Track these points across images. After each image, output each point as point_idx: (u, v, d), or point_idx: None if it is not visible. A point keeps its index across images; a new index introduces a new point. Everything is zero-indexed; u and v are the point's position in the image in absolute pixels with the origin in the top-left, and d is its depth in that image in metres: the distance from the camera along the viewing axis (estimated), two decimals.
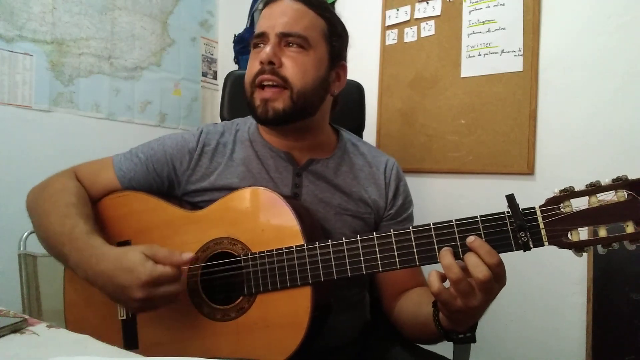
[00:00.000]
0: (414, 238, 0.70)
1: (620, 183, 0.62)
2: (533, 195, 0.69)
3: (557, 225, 0.64)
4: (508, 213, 0.66)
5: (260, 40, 0.89)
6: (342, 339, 0.93)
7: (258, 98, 0.87)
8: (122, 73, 2.05)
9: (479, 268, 0.64)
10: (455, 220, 0.68)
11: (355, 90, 1.39)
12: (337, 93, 0.97)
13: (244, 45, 2.17)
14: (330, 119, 1.01)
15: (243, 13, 2.25)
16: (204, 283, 0.81)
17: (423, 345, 0.96)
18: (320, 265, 0.74)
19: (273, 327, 0.76)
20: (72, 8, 1.87)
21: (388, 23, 1.89)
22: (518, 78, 1.57)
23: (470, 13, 1.68)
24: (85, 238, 0.77)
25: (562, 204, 0.64)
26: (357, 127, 1.36)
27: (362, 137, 1.36)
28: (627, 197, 0.61)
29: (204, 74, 2.45)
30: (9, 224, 1.46)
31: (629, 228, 0.61)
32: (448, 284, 0.67)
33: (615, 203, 0.62)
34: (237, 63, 2.32)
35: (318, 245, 0.74)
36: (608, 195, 0.63)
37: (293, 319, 0.74)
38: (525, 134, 1.55)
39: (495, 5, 1.63)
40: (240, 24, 2.26)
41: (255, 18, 2.09)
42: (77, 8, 1.88)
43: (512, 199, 0.66)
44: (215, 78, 2.51)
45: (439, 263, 0.67)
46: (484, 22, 1.65)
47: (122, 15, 2.04)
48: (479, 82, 1.65)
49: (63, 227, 0.79)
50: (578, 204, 0.64)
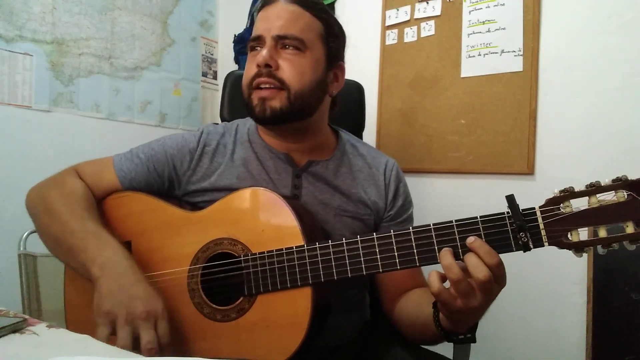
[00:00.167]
0: (414, 238, 0.70)
1: (620, 183, 0.62)
2: (533, 196, 0.69)
3: (557, 226, 0.64)
4: (508, 213, 0.66)
5: (257, 44, 0.89)
6: (342, 339, 0.93)
7: (256, 97, 0.87)
8: (122, 73, 2.05)
9: (479, 268, 0.64)
10: (455, 221, 0.68)
11: (355, 90, 1.39)
12: (335, 94, 0.97)
13: (244, 46, 2.16)
14: (329, 120, 1.01)
15: (243, 13, 2.26)
16: (204, 284, 0.81)
17: (423, 345, 0.96)
18: (321, 266, 0.74)
19: (273, 327, 0.76)
20: (72, 8, 1.87)
21: (388, 23, 1.89)
22: (518, 78, 1.57)
23: (470, 13, 1.68)
24: (112, 242, 0.78)
25: (562, 205, 0.64)
26: (357, 127, 1.36)
27: (362, 137, 1.36)
28: (627, 197, 0.61)
29: (204, 74, 2.45)
30: (9, 224, 1.46)
31: (629, 228, 0.61)
32: (448, 285, 0.67)
33: (615, 203, 0.62)
34: (237, 63, 2.32)
35: (318, 246, 0.74)
36: (608, 196, 0.63)
37: (293, 320, 0.75)
38: (525, 134, 1.55)
39: (495, 5, 1.62)
40: (240, 24, 2.26)
41: (255, 19, 2.09)
42: (77, 8, 1.88)
43: (512, 200, 0.66)
44: (215, 78, 2.50)
45: (439, 263, 0.68)
46: (484, 22, 1.65)
47: (122, 15, 2.04)
48: (479, 82, 1.65)
49: (85, 227, 0.79)
50: (578, 205, 0.64)
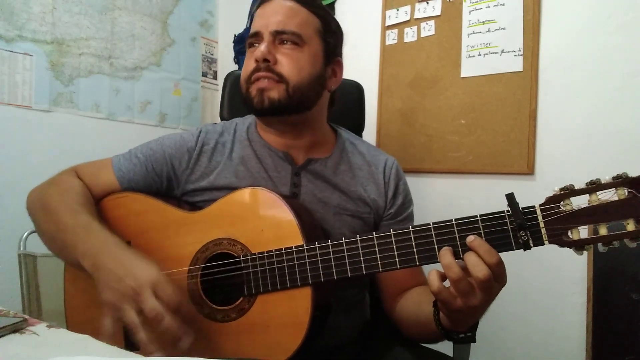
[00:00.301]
0: (414, 238, 0.70)
1: (621, 181, 0.61)
2: (533, 195, 0.69)
3: (557, 224, 0.64)
4: (508, 212, 0.66)
5: (255, 40, 0.91)
6: (342, 339, 0.93)
7: (254, 89, 0.88)
8: (122, 73, 2.05)
9: (479, 267, 0.64)
10: (455, 220, 0.68)
11: (355, 90, 1.39)
12: (334, 89, 0.97)
13: (244, 45, 2.16)
14: (328, 118, 1.01)
15: (243, 13, 2.25)
16: (204, 284, 0.81)
17: (423, 345, 0.96)
18: (320, 266, 0.74)
19: (273, 327, 0.76)
20: (72, 8, 1.87)
21: (388, 23, 1.89)
22: (518, 78, 1.57)
23: (470, 13, 1.68)
24: (106, 232, 0.77)
25: (562, 203, 0.64)
26: (357, 127, 1.36)
27: (362, 137, 1.36)
28: (627, 195, 0.61)
29: (204, 74, 2.45)
30: (9, 224, 1.46)
31: (630, 226, 0.61)
32: (448, 284, 0.67)
33: (616, 201, 0.61)
34: (237, 63, 2.32)
35: (318, 246, 0.74)
36: (608, 194, 0.62)
37: (293, 320, 0.74)
38: (525, 134, 1.55)
39: (495, 5, 1.62)
40: (240, 24, 2.26)
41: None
42: (77, 8, 1.88)
43: (512, 198, 0.66)
44: (215, 78, 2.50)
45: (439, 263, 0.67)
46: (484, 22, 1.65)
47: (122, 15, 2.04)
48: (479, 82, 1.65)
49: (77, 220, 0.78)
50: (578, 203, 0.64)
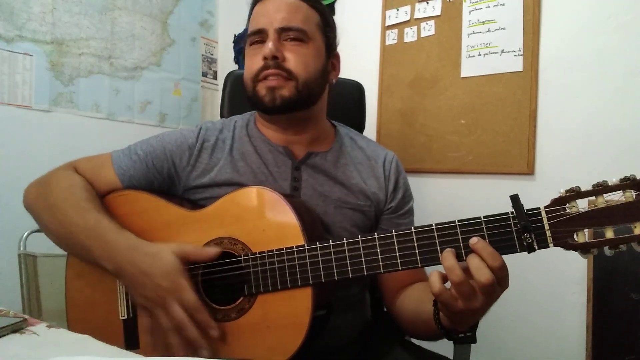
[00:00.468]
0: (416, 239, 0.69)
1: (628, 183, 0.59)
2: (533, 196, 0.69)
3: (562, 227, 0.62)
4: (512, 214, 0.65)
5: (259, 37, 0.90)
6: (342, 339, 0.93)
7: (263, 87, 0.88)
8: (122, 73, 2.05)
9: (482, 271, 0.63)
10: (458, 221, 0.67)
11: (355, 90, 1.39)
12: (334, 82, 0.99)
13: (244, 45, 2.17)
14: (327, 112, 1.01)
15: (243, 13, 2.22)
16: (205, 283, 0.80)
17: (423, 344, 0.96)
18: (321, 266, 0.73)
19: (274, 327, 0.75)
20: (72, 8, 1.86)
21: (388, 23, 1.88)
22: (518, 78, 1.57)
23: (470, 13, 1.68)
24: (116, 230, 0.79)
25: (567, 205, 0.63)
26: (357, 127, 1.35)
27: None
28: (635, 197, 0.59)
29: (204, 74, 2.45)
30: (9, 224, 1.46)
31: (637, 229, 0.59)
32: (449, 285, 0.67)
33: (623, 203, 0.60)
34: (237, 63, 2.33)
35: (319, 246, 0.74)
36: (615, 196, 0.61)
37: (294, 320, 0.74)
38: (525, 134, 1.55)
39: (495, 5, 1.63)
40: (240, 24, 2.25)
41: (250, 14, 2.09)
42: (77, 8, 1.88)
43: (516, 200, 0.64)
44: (215, 78, 2.50)
45: (441, 264, 0.67)
46: (484, 22, 1.65)
47: (122, 15, 2.04)
48: (479, 82, 1.65)
49: (86, 221, 0.80)
50: (584, 205, 0.63)
